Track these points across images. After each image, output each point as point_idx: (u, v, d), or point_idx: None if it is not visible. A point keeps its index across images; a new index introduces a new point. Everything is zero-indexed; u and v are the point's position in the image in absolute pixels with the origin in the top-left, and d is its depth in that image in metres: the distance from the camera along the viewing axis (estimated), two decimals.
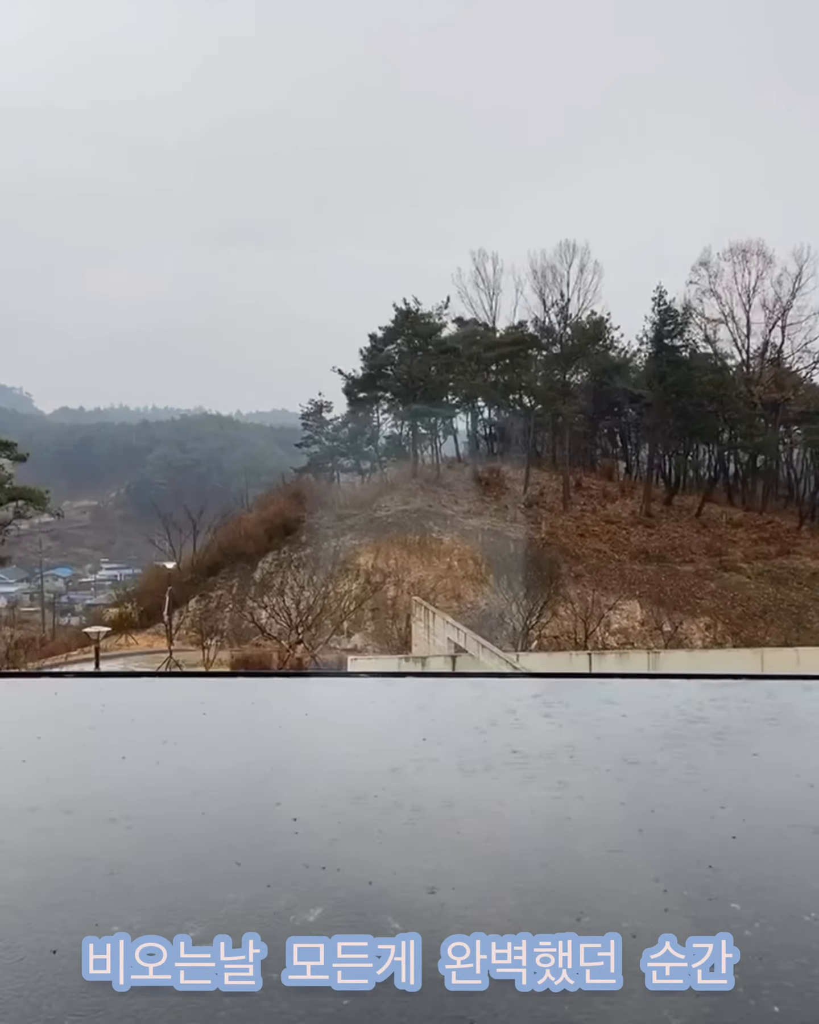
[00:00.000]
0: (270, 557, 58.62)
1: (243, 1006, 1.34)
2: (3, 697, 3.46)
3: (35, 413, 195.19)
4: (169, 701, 3.37)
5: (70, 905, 1.63)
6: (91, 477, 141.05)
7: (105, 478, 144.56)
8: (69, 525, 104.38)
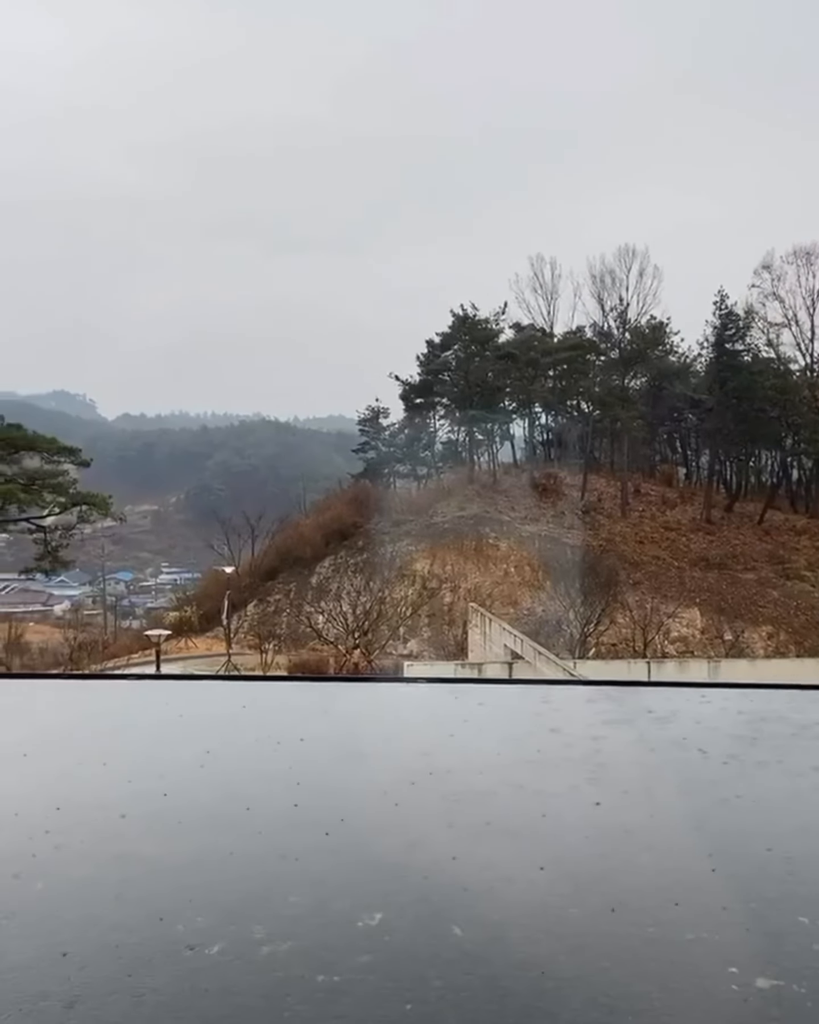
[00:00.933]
0: (327, 562, 58.92)
1: (305, 1006, 1.34)
2: (74, 698, 3.50)
3: (98, 419, 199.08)
4: (232, 704, 3.37)
5: (133, 904, 1.64)
6: (152, 482, 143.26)
7: (165, 483, 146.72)
8: (131, 530, 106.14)
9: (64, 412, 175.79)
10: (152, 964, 1.46)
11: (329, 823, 2.01)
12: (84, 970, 1.44)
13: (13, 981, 1.42)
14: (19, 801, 2.16)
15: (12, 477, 39.58)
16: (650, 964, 1.45)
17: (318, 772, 2.39)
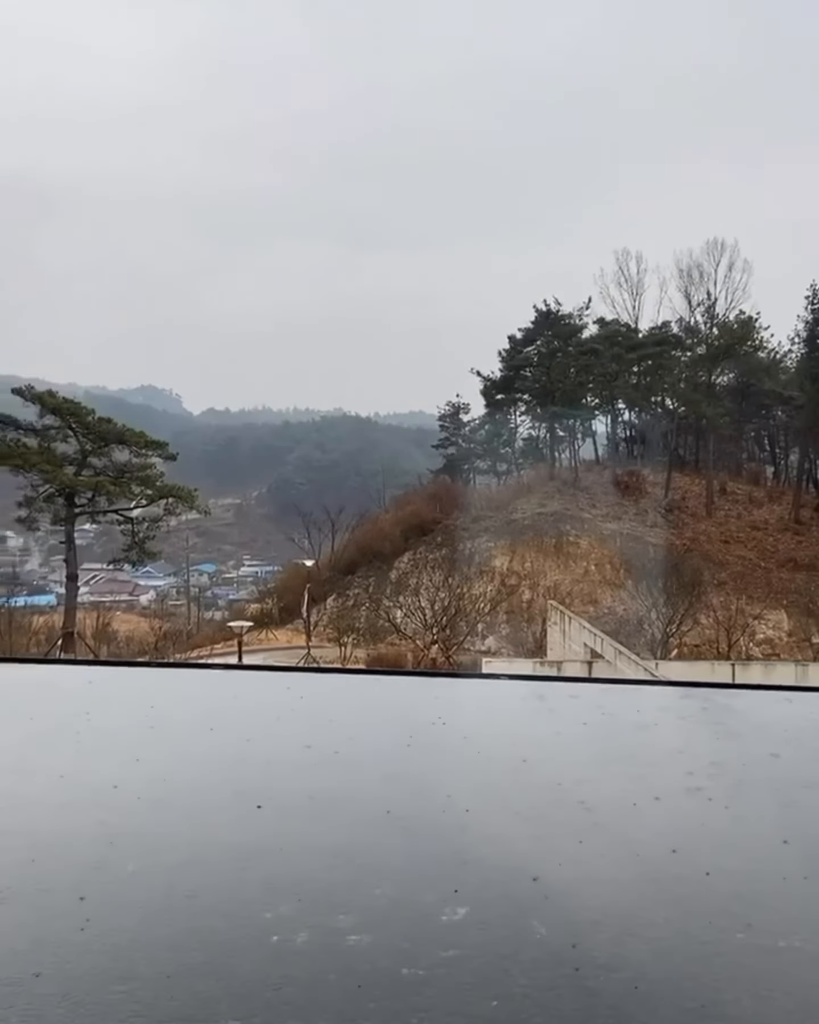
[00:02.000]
0: (406, 557, 59.11)
1: (391, 999, 1.33)
2: (164, 686, 3.56)
3: (184, 414, 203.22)
4: (320, 696, 3.39)
5: (222, 891, 1.66)
6: (235, 476, 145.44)
7: (248, 477, 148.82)
8: (214, 523, 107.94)
9: (151, 406, 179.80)
10: (239, 950, 1.47)
11: (415, 817, 2.01)
12: (174, 952, 1.46)
13: (104, 959, 1.45)
14: (110, 786, 2.21)
15: (102, 470, 40.67)
16: (741, 971, 1.41)
17: (407, 766, 2.38)
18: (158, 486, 41.19)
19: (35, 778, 2.25)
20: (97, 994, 1.34)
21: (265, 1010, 1.31)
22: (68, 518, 40.48)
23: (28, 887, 1.66)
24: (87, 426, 40.49)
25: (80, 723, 2.80)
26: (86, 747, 2.52)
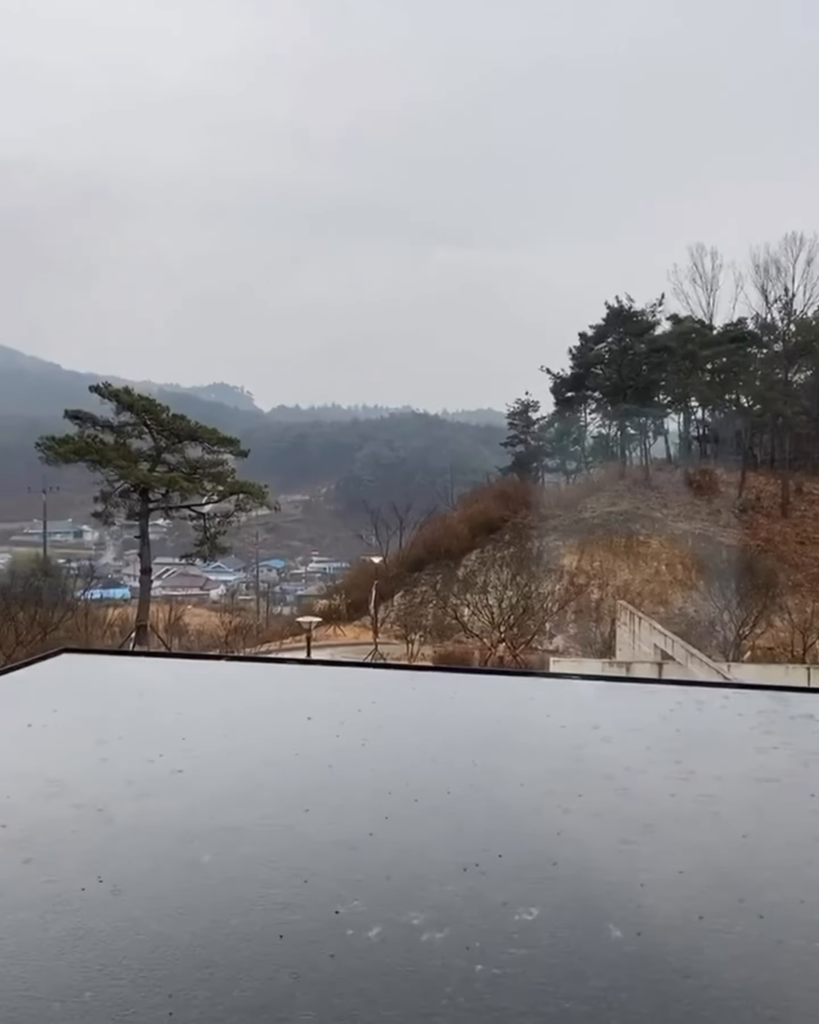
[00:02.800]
0: (473, 555, 58.98)
1: (464, 996, 1.32)
2: (244, 679, 3.60)
3: (255, 411, 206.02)
4: (390, 691, 3.40)
5: (296, 884, 1.67)
6: (304, 473, 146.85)
7: (317, 474, 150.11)
8: (283, 519, 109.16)
9: (223, 404, 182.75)
10: (312, 943, 1.48)
11: (486, 813, 2.00)
12: (249, 943, 1.48)
13: (182, 948, 1.47)
14: (190, 778, 2.25)
15: (176, 466, 41.39)
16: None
17: (477, 762, 2.38)
18: (229, 482, 41.78)
19: (119, 765, 2.30)
20: (175, 982, 1.36)
21: (340, 1003, 1.32)
22: (142, 513, 41.30)
23: (108, 874, 1.70)
24: (162, 423, 41.24)
25: (165, 714, 2.86)
26: (170, 737, 2.56)
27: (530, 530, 58.72)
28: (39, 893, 1.62)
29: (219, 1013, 1.29)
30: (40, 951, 1.46)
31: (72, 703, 3.01)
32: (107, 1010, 1.30)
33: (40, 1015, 1.30)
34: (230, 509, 43.39)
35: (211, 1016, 1.28)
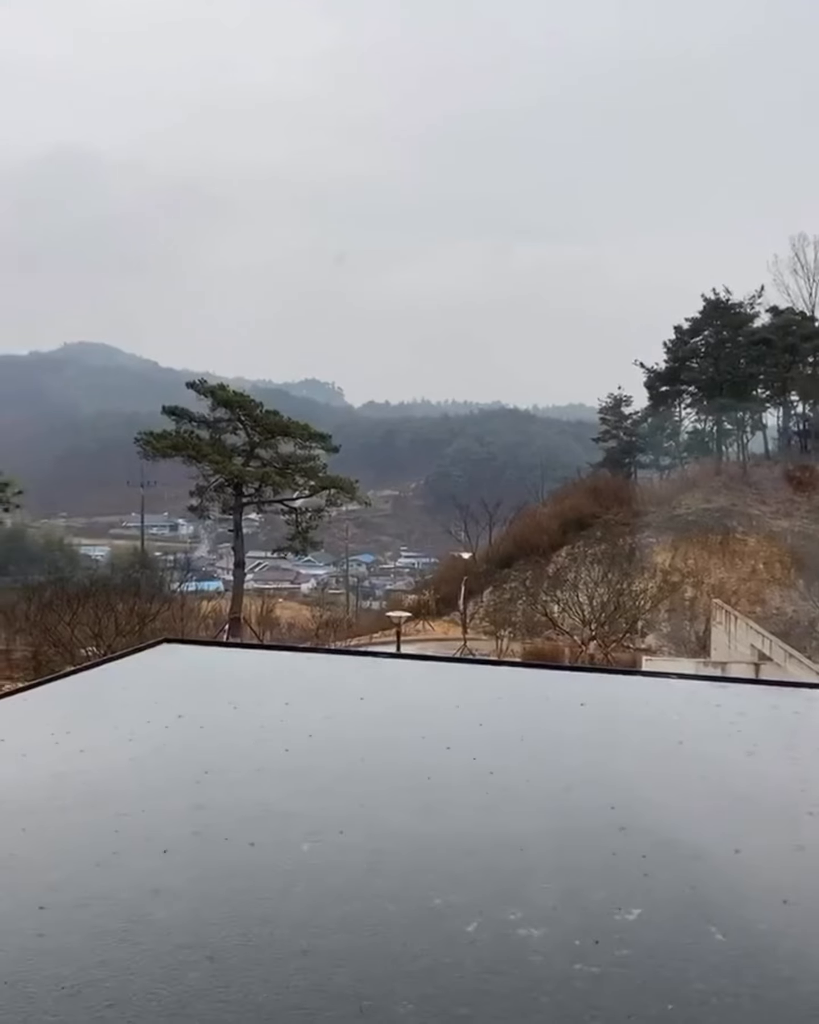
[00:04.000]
0: (564, 551, 58.36)
1: (563, 994, 1.31)
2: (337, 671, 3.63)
3: (345, 407, 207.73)
4: (487, 687, 3.39)
5: (389, 873, 1.68)
6: (393, 468, 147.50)
7: (406, 469, 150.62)
8: (372, 514, 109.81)
9: (314, 399, 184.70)
10: (410, 934, 1.49)
11: (588, 812, 1.98)
12: (348, 932, 1.49)
13: (283, 934, 1.49)
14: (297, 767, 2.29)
15: (268, 461, 42.08)
16: None
17: (579, 759, 2.36)
18: (321, 477, 42.28)
19: (220, 751, 2.35)
20: (277, 968, 1.38)
21: (438, 995, 1.32)
22: (236, 507, 42.13)
23: (214, 862, 1.73)
24: (255, 419, 41.96)
25: (262, 703, 2.91)
26: (269, 726, 2.61)
27: (622, 527, 57.80)
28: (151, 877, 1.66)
29: (319, 1001, 1.30)
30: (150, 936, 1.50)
31: (173, 691, 3.09)
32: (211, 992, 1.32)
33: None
34: (321, 504, 43.91)
35: (312, 1004, 1.29)
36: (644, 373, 69.31)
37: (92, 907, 1.56)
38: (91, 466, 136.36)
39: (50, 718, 2.76)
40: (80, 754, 2.35)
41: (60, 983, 1.33)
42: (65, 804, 2.00)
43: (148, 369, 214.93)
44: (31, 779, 2.17)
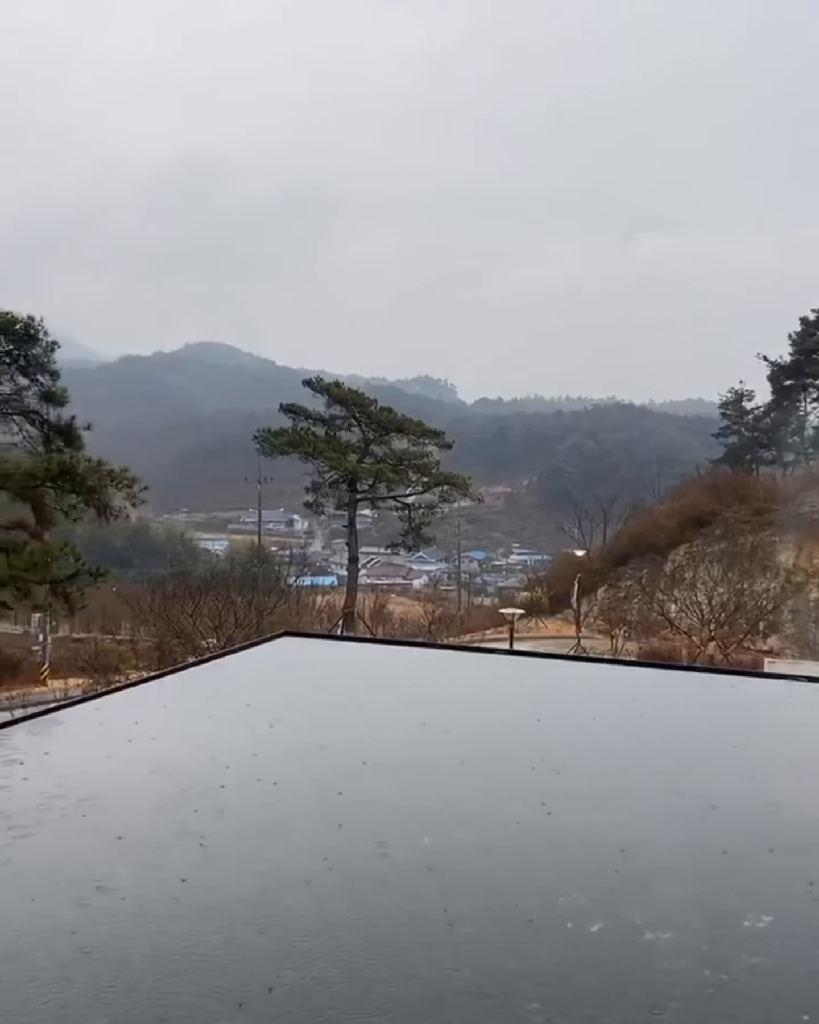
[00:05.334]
0: (682, 550, 56.96)
1: (693, 1000, 1.27)
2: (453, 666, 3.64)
3: (458, 403, 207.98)
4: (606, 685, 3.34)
5: (510, 871, 1.67)
6: (506, 465, 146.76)
7: (519, 466, 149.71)
8: (484, 510, 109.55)
9: (426, 396, 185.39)
10: (533, 932, 1.47)
11: (714, 815, 1.93)
12: (471, 926, 1.49)
13: (407, 927, 1.50)
14: (424, 758, 2.30)
15: (383, 457, 42.46)
16: None
17: (697, 760, 2.30)
18: (434, 474, 42.43)
19: (340, 743, 2.38)
20: (398, 963, 1.39)
21: (564, 994, 1.30)
22: (350, 503, 42.67)
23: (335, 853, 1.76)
24: (370, 416, 42.39)
25: (380, 697, 2.94)
26: (387, 720, 2.63)
27: (743, 524, 56.02)
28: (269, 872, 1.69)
29: (442, 994, 1.30)
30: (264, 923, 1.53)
31: (295, 683, 3.16)
32: (349, 992, 1.34)
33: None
34: (434, 500, 44.06)
35: (435, 996, 1.30)
36: (768, 366, 67.04)
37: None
38: (210, 463, 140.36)
39: (183, 704, 2.88)
40: (216, 736, 2.44)
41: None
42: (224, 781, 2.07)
43: (265, 368, 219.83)
44: (182, 759, 2.25)
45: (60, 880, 1.65)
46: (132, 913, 1.52)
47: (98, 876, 1.62)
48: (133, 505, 20.15)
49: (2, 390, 19.43)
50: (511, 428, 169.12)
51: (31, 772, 2.17)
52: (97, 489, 18.51)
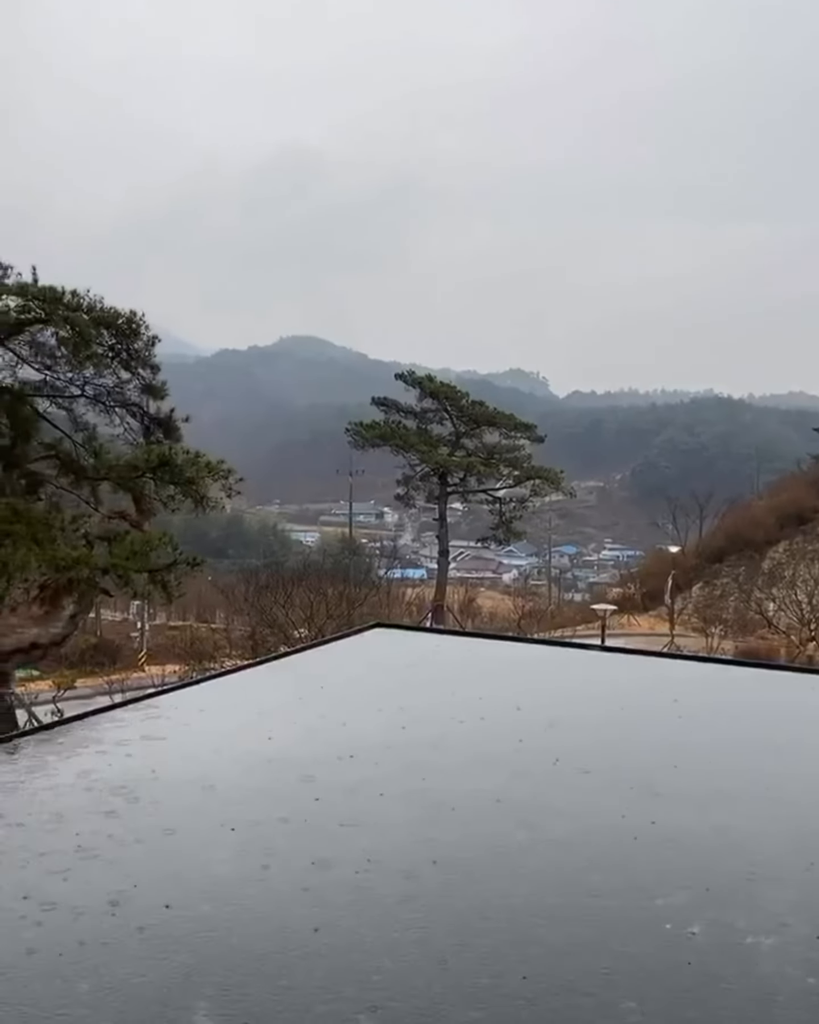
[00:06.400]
0: (781, 547, 55.33)
1: (800, 1009, 1.25)
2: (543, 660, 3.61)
3: (550, 397, 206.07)
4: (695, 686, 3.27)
5: (606, 869, 1.64)
6: (598, 459, 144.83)
7: (612, 460, 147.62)
8: (576, 505, 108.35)
9: (518, 389, 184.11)
10: (631, 932, 1.46)
11: (816, 816, 1.88)
12: (567, 924, 1.48)
13: (501, 924, 1.50)
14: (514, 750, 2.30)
15: (474, 451, 42.32)
16: None
17: (800, 761, 2.25)
18: (525, 467, 42.09)
19: (425, 729, 2.39)
20: (496, 959, 1.38)
21: (660, 995, 1.29)
22: (441, 496, 42.63)
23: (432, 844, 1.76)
24: (461, 409, 42.27)
25: (471, 688, 2.94)
26: (480, 712, 2.63)
27: None
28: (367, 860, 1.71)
29: (539, 992, 1.29)
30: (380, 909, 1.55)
31: (389, 672, 3.19)
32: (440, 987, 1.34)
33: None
34: (525, 494, 43.70)
35: (531, 991, 1.29)
36: None
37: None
38: (303, 455, 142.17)
39: (281, 691, 2.96)
40: (321, 720, 2.49)
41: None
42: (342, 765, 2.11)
43: (358, 361, 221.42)
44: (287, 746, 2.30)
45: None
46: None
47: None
48: (229, 496, 20.46)
49: (105, 383, 19.97)
50: (604, 421, 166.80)
51: (135, 753, 2.24)
52: (195, 480, 18.89)
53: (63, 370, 19.67)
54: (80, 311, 18.40)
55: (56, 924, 1.45)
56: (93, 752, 2.26)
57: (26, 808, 1.91)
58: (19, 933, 1.42)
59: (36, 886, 1.55)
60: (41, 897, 1.51)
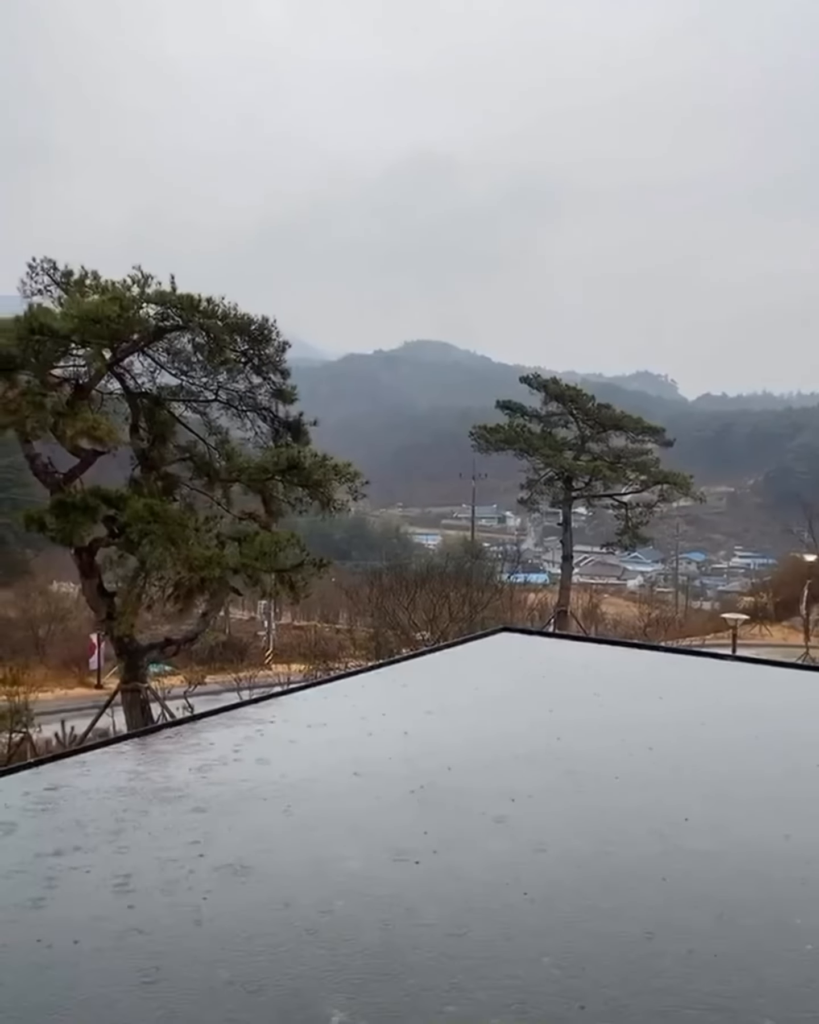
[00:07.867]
0: None
1: None
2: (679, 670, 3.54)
3: (678, 400, 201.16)
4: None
5: (741, 885, 1.61)
6: (729, 464, 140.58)
7: (743, 465, 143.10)
8: (705, 511, 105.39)
9: (645, 392, 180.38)
10: (768, 950, 1.43)
11: None
12: (696, 937, 1.46)
13: (633, 932, 1.49)
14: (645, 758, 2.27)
15: (599, 455, 41.68)
16: None
17: None
18: (653, 472, 41.17)
19: (581, 747, 2.38)
20: (629, 967, 1.38)
21: (800, 1016, 1.26)
22: (566, 501, 42.12)
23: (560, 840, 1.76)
24: (587, 412, 41.70)
25: (599, 693, 2.92)
26: (612, 720, 2.61)
27: None
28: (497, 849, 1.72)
29: (672, 1004, 1.28)
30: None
31: (518, 675, 3.19)
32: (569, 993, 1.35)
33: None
34: (652, 499, 42.74)
35: (665, 1005, 1.28)
36: None
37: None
38: (426, 458, 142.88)
39: (409, 693, 3.00)
40: (451, 722, 2.52)
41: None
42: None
43: (481, 365, 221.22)
44: (413, 747, 2.34)
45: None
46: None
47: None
48: (354, 499, 20.81)
49: (237, 388, 20.59)
50: (735, 425, 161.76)
51: (265, 752, 2.31)
52: (322, 483, 19.30)
53: (198, 375, 20.37)
54: (215, 318, 19.02)
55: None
56: (240, 739, 2.35)
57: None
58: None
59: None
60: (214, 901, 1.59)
